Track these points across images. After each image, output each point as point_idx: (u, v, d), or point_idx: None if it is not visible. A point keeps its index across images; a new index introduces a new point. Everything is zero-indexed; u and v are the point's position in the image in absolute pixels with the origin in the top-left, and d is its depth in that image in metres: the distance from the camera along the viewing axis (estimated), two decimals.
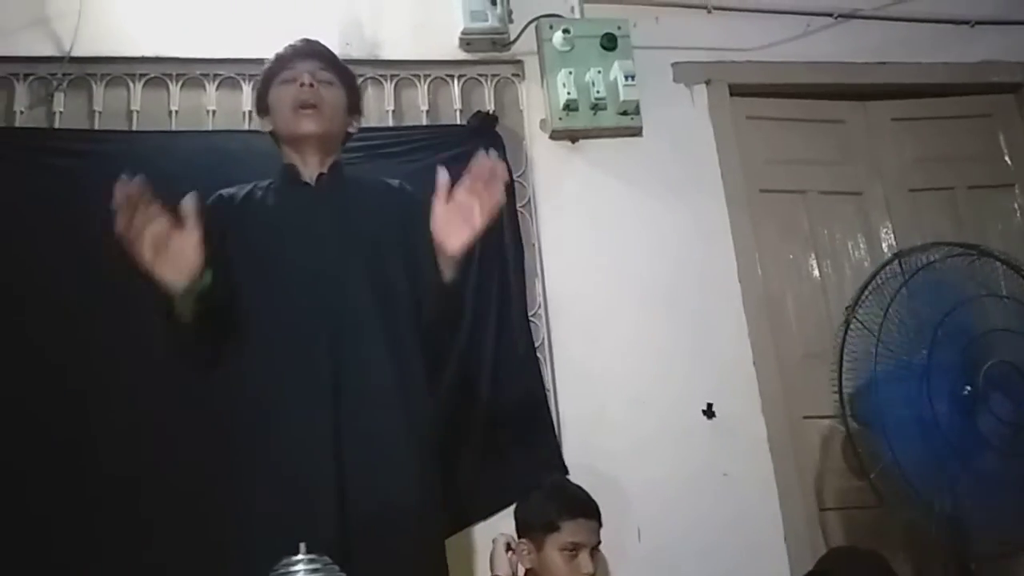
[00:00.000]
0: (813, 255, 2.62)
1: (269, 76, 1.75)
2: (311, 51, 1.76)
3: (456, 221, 1.48)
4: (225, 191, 1.72)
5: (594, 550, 1.84)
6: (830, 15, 2.78)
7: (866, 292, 2.16)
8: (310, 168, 1.70)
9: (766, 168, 2.67)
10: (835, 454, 2.37)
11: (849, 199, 2.71)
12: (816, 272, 2.59)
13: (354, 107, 1.80)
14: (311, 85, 1.67)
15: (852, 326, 2.14)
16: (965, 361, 2.05)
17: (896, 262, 2.20)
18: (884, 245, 2.61)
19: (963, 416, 2.03)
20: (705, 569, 2.19)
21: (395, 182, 1.79)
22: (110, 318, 2.07)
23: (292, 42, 1.78)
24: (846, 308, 2.18)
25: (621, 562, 2.12)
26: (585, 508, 1.86)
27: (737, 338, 2.43)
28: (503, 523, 1.98)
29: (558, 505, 1.85)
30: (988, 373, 2.04)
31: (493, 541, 1.92)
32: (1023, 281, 2.20)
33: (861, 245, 2.64)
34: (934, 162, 2.79)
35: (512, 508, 1.95)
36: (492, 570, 1.88)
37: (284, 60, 1.74)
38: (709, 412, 2.35)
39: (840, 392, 2.13)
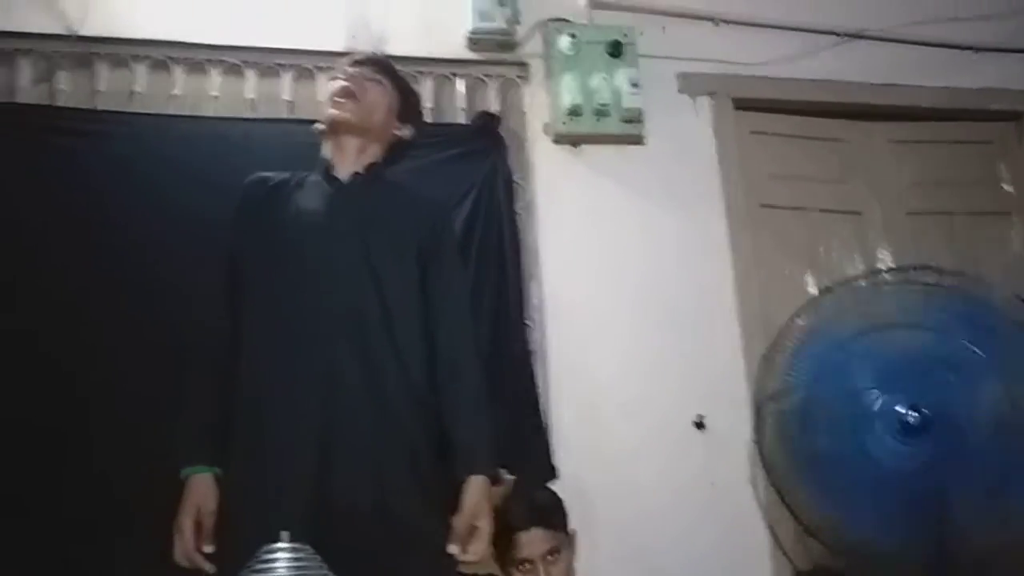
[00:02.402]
0: (810, 272, 2.62)
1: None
2: (368, 59, 1.81)
3: None
4: (265, 174, 1.74)
5: (551, 555, 1.79)
6: (836, 34, 2.79)
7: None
8: (346, 165, 1.70)
9: (767, 183, 2.67)
10: None
11: (848, 218, 2.72)
12: (813, 289, 2.58)
13: (405, 115, 1.80)
14: (351, 79, 1.71)
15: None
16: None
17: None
18: (881, 265, 2.61)
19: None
20: None
21: (437, 196, 1.87)
22: (107, 298, 2.05)
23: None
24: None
25: (605, 569, 2.10)
26: (522, 522, 1.79)
27: (731, 351, 2.42)
28: None
29: (502, 528, 1.74)
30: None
31: None
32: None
33: (858, 264, 2.64)
34: (933, 186, 2.79)
35: None
36: None
37: (343, 65, 1.78)
38: (700, 424, 2.34)
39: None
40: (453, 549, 1.48)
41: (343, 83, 1.71)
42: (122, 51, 2.29)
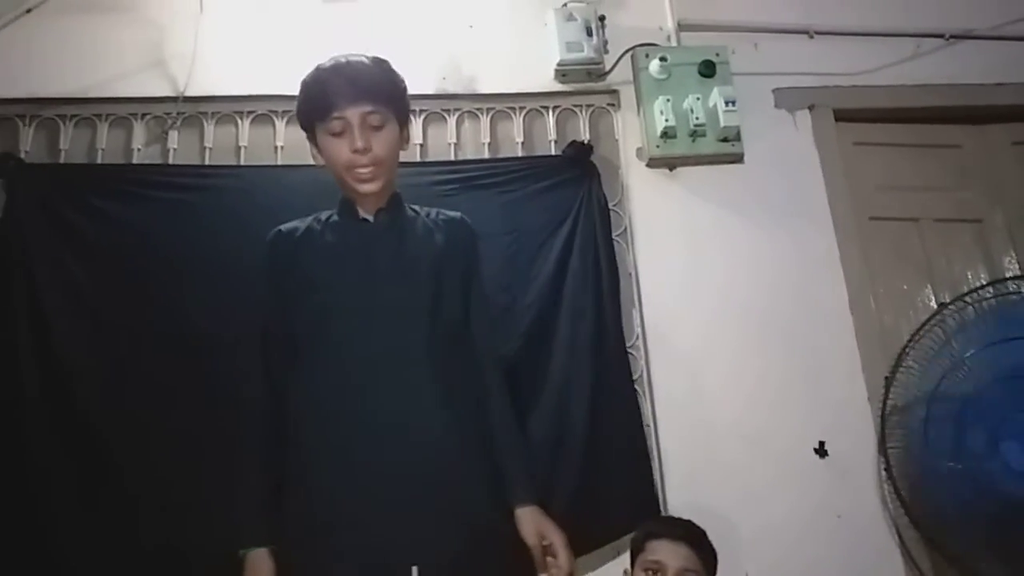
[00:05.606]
0: (929, 286, 2.48)
1: (311, 114, 1.63)
2: (357, 91, 1.57)
3: None
4: (284, 226, 1.73)
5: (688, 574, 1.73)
6: (942, 36, 2.66)
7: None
8: (369, 204, 1.68)
9: (876, 195, 2.55)
10: None
11: (967, 227, 2.56)
12: (933, 303, 2.43)
13: (404, 125, 1.70)
14: (365, 149, 1.57)
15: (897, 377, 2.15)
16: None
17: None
18: (1008, 274, 2.43)
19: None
20: None
21: (455, 214, 1.79)
22: (219, 349, 2.10)
23: (328, 67, 1.60)
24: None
25: None
26: (670, 530, 1.78)
27: (850, 372, 2.29)
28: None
29: (647, 527, 1.81)
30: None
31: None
32: None
33: (982, 275, 2.48)
34: None
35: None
36: None
37: (328, 99, 1.58)
38: (821, 451, 2.22)
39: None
40: None
41: (357, 158, 1.58)
42: (226, 108, 2.40)
